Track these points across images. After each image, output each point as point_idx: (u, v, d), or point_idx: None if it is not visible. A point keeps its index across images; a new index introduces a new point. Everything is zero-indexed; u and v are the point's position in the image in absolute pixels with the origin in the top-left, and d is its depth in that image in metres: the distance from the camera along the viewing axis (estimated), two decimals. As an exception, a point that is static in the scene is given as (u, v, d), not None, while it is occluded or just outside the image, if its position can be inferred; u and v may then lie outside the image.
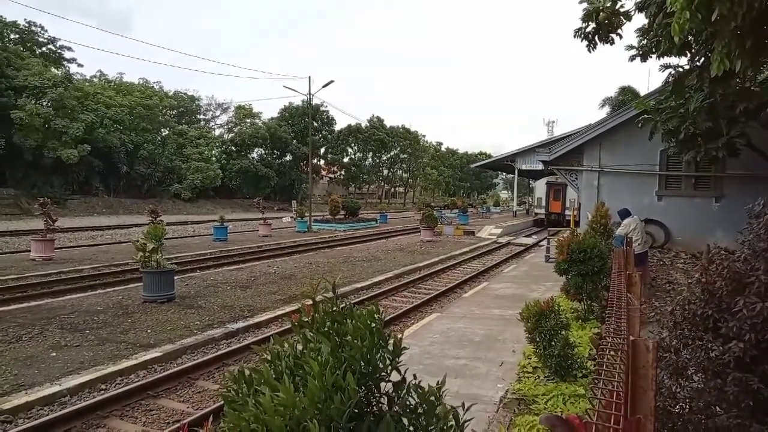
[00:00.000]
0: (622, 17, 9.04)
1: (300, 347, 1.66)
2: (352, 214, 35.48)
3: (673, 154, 13.99)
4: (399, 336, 1.65)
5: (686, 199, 15.21)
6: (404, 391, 1.60)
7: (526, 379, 5.83)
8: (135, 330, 8.76)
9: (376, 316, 1.63)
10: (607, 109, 37.07)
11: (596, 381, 2.03)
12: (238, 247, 20.61)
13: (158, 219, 16.33)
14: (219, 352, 7.91)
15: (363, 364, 1.54)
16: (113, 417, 5.84)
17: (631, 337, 2.51)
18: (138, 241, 10.93)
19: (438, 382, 1.68)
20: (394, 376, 1.68)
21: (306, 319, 1.72)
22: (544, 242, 21.84)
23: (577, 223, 17.98)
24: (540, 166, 28.17)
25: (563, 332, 5.66)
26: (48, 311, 9.75)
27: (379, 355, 1.59)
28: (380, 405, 1.61)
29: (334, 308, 1.69)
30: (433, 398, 1.62)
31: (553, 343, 5.55)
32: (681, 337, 3.23)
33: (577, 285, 8.14)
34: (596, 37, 9.14)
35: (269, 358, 1.59)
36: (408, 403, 1.61)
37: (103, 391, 6.41)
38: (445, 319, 9.49)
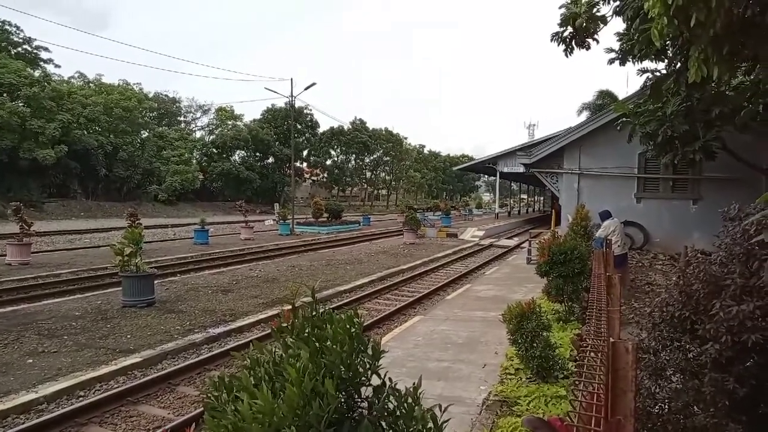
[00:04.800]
0: (599, 22, 9.16)
1: (280, 353, 1.64)
2: (336, 216, 35.34)
3: (651, 157, 14.22)
4: (378, 340, 1.64)
5: (664, 202, 15.47)
6: (384, 395, 1.60)
7: (508, 381, 5.86)
8: (114, 335, 8.62)
9: (355, 320, 1.62)
10: (585, 115, 37.50)
11: (577, 383, 2.04)
12: (219, 250, 20.42)
13: (137, 222, 16.10)
14: (200, 357, 7.81)
15: (343, 369, 1.53)
16: (92, 424, 5.73)
17: (611, 339, 2.53)
18: (116, 245, 10.77)
19: (414, 383, 1.68)
20: (375, 381, 1.67)
21: (285, 325, 1.70)
22: (526, 244, 22.02)
23: (558, 221, 18.21)
24: (521, 169, 28.47)
25: (544, 333, 5.70)
26: (24, 317, 9.55)
27: (358, 359, 1.58)
28: (360, 410, 1.60)
29: (314, 313, 1.68)
30: (411, 401, 1.61)
31: (534, 344, 5.59)
32: (660, 338, 3.28)
33: (558, 286, 8.22)
34: (573, 42, 9.24)
35: (249, 364, 1.57)
36: (387, 406, 1.60)
37: (81, 398, 6.29)
38: (428, 321, 9.51)
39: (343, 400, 1.49)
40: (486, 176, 74.07)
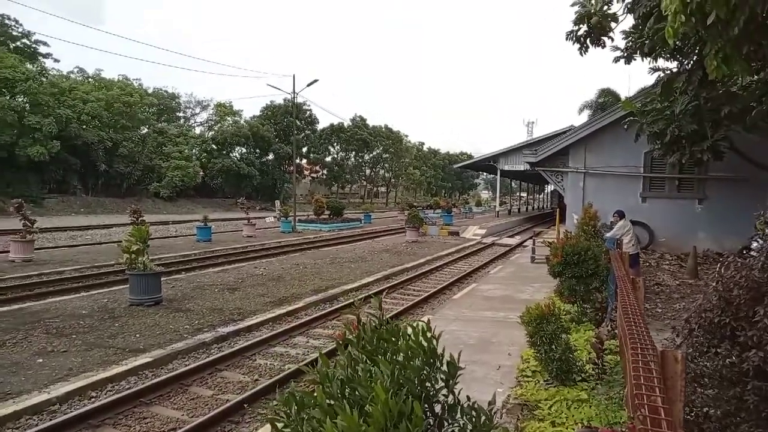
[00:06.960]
0: (610, 20, 9.11)
1: (346, 368, 1.59)
2: (337, 214, 35.24)
3: (658, 156, 14.19)
4: (455, 355, 1.58)
5: (669, 201, 15.45)
6: (458, 414, 1.55)
7: (526, 384, 5.80)
8: (123, 334, 8.56)
9: (428, 333, 1.57)
10: (586, 114, 37.51)
11: (636, 395, 2.00)
12: (222, 247, 20.34)
13: (141, 219, 15.98)
14: (211, 357, 7.75)
15: (417, 384, 1.47)
16: (106, 426, 5.67)
17: (660, 349, 2.49)
18: (122, 242, 10.70)
19: (489, 402, 1.63)
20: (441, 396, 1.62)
21: (351, 337, 1.65)
22: (528, 242, 21.99)
23: (563, 219, 18.17)
24: (522, 167, 28.44)
25: (564, 336, 5.65)
26: (31, 315, 9.48)
27: (432, 375, 1.53)
28: (432, 428, 1.55)
29: (382, 326, 1.62)
30: (485, 419, 1.56)
31: (553, 347, 5.54)
32: (696, 344, 3.23)
33: (571, 287, 8.17)
34: (588, 40, 9.19)
35: (319, 379, 1.51)
36: (460, 425, 1.55)
37: (93, 399, 6.23)
38: (437, 321, 9.44)
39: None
40: (485, 174, 74.10)
